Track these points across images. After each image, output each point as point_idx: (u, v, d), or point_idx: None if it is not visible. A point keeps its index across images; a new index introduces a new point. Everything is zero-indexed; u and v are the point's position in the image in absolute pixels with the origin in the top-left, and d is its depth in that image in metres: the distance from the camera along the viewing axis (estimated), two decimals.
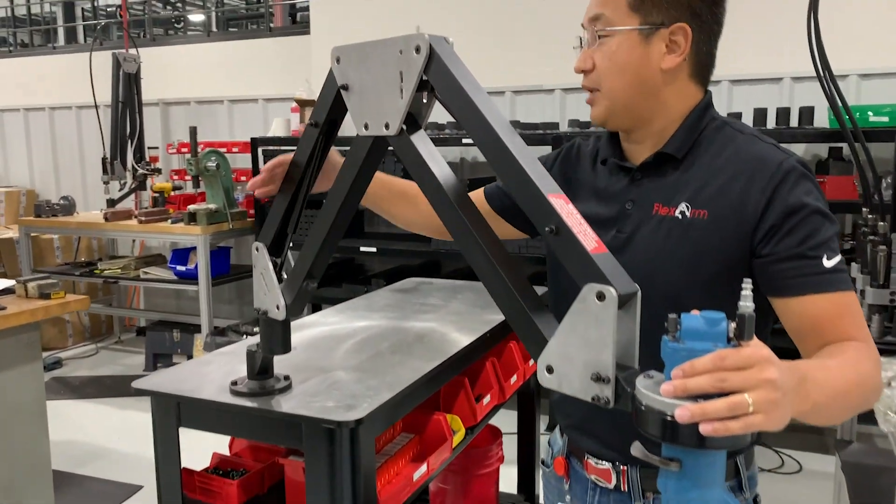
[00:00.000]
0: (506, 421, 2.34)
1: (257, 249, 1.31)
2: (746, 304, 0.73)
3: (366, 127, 0.98)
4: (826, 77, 2.95)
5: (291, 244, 1.34)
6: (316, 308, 4.74)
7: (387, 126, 0.94)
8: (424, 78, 0.90)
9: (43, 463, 2.58)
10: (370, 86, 0.96)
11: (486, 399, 2.10)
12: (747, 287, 0.74)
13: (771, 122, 3.61)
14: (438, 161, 0.94)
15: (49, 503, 2.60)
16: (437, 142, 3.99)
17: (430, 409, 1.91)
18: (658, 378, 0.75)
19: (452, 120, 4.19)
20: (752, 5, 3.67)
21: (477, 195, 1.47)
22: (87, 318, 5.52)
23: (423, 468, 1.75)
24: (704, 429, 0.69)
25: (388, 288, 2.71)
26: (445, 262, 4.27)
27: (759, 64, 3.80)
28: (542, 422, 3.76)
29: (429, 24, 4.01)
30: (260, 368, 1.51)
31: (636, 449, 0.77)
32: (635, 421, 0.74)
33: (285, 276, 1.30)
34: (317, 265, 1.26)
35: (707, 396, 0.70)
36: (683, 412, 0.68)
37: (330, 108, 1.12)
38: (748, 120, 3.63)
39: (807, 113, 3.54)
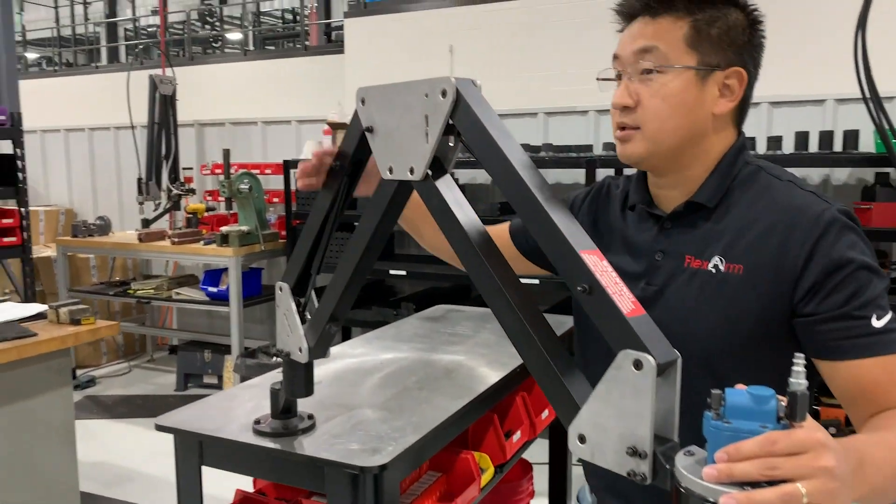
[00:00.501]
0: (536, 451, 2.28)
1: (281, 289, 1.27)
2: (799, 380, 0.66)
3: (390, 171, 0.94)
4: (872, 99, 2.85)
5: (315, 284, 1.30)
6: (346, 330, 4.73)
7: (412, 171, 0.90)
8: (451, 122, 0.86)
9: (71, 487, 2.58)
10: (395, 129, 0.93)
11: (517, 436, 2.03)
12: (799, 362, 0.67)
13: (813, 146, 3.50)
14: (464, 208, 0.90)
15: None
16: (467, 164, 3.96)
17: (458, 446, 1.86)
18: (700, 456, 0.69)
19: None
20: (794, 25, 3.58)
21: (501, 231, 1.42)
22: (121, 337, 5.58)
23: None
24: None
25: (416, 316, 2.67)
26: (476, 287, 4.23)
27: (800, 85, 3.70)
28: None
29: (460, 44, 3.99)
30: (283, 407, 1.47)
31: None
32: (674, 502, 0.68)
33: (308, 317, 1.26)
34: (340, 308, 1.22)
35: (755, 483, 0.63)
36: (729, 501, 0.62)
37: (355, 149, 1.08)
38: (789, 144, 3.53)
39: (851, 136, 3.43)
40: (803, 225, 1.01)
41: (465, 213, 0.89)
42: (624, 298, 0.76)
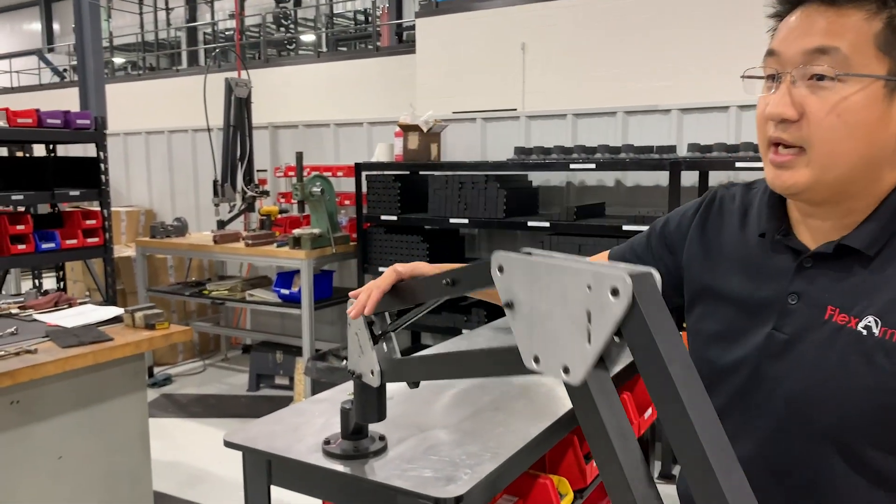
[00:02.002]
0: None
1: (351, 302, 1.20)
2: None
3: (536, 360, 0.78)
4: None
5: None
6: (415, 336, 4.67)
7: (566, 370, 0.74)
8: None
9: (145, 489, 2.60)
10: (545, 315, 0.77)
11: None
12: None
13: None
14: (626, 432, 0.75)
15: None
16: (543, 167, 3.83)
17: (536, 469, 1.76)
18: None
19: (558, 143, 4.02)
20: None
21: (601, 261, 1.27)
22: (197, 336, 5.69)
23: None
24: None
25: (489, 326, 2.58)
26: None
27: None
28: (655, 468, 3.51)
29: (533, 42, 3.86)
30: (354, 429, 1.41)
31: None
32: None
33: (379, 333, 1.18)
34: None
35: None
36: None
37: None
38: None
39: None
40: None
41: (624, 436, 0.73)
42: None
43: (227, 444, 1.51)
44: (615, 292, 0.69)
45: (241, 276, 5.50)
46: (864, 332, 0.86)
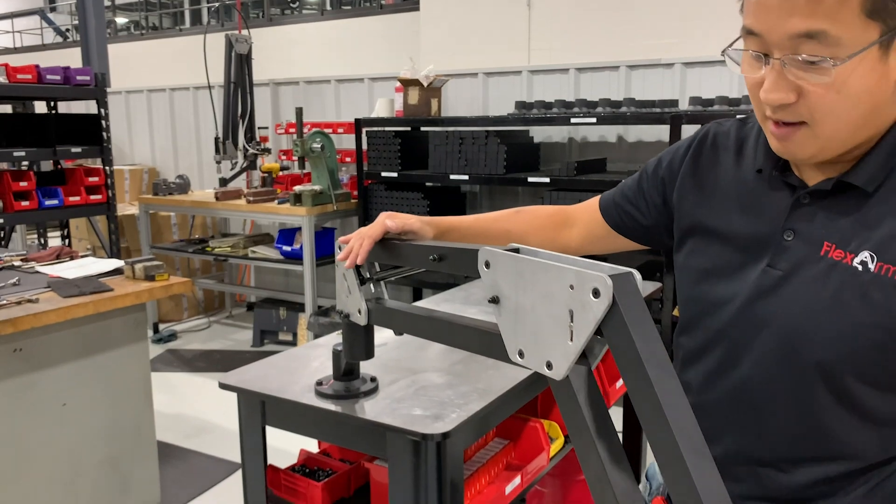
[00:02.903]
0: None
1: (340, 248, 1.21)
2: None
3: (520, 354, 0.81)
4: None
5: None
6: (416, 292, 4.70)
7: (549, 366, 0.77)
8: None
9: (148, 438, 2.65)
10: (529, 311, 0.79)
11: None
12: None
13: None
14: (606, 424, 0.76)
15: (153, 477, 2.68)
16: (543, 121, 3.81)
17: (527, 414, 1.79)
18: None
19: (560, 98, 3.99)
20: None
21: (591, 207, 1.25)
22: (201, 293, 5.74)
23: (517, 480, 1.63)
24: None
25: None
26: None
27: None
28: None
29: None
30: (346, 370, 1.43)
31: None
32: None
33: (367, 276, 1.19)
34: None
35: None
36: None
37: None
38: None
39: None
40: None
41: (604, 428, 0.75)
42: None
43: (223, 387, 1.54)
44: (596, 293, 0.71)
45: (243, 233, 5.52)
46: (860, 268, 0.86)
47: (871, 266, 0.85)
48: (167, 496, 2.83)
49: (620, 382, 2.15)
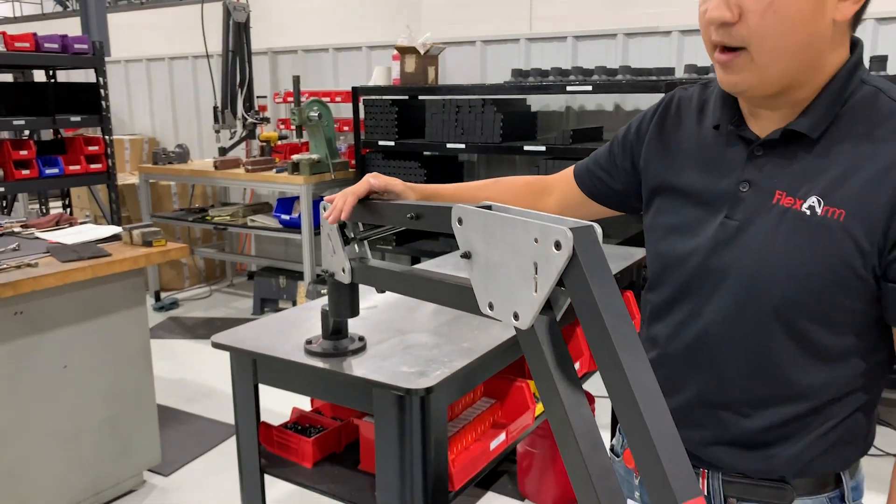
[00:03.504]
0: (600, 385, 2.22)
1: (324, 208, 1.24)
2: None
3: (490, 307, 0.85)
4: None
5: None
6: (414, 261, 4.74)
7: (516, 316, 0.80)
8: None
9: (148, 401, 2.71)
10: (498, 265, 0.83)
11: (576, 366, 1.99)
12: None
13: None
14: (559, 354, 0.81)
15: (154, 440, 2.74)
16: (539, 89, 3.81)
17: (514, 374, 1.83)
18: None
19: (555, 65, 3.98)
20: None
21: (567, 175, 1.29)
22: (202, 262, 5.79)
23: (502, 437, 1.68)
24: None
25: None
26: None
27: None
28: None
29: None
30: (333, 329, 1.47)
31: None
32: None
33: (352, 237, 1.23)
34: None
35: None
36: None
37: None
38: None
39: None
40: None
41: (566, 378, 0.78)
42: None
43: (215, 345, 1.59)
44: (558, 245, 0.74)
45: (243, 202, 5.55)
46: (808, 213, 0.90)
47: (819, 210, 0.89)
48: (167, 457, 2.91)
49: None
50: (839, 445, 0.97)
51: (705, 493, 1.06)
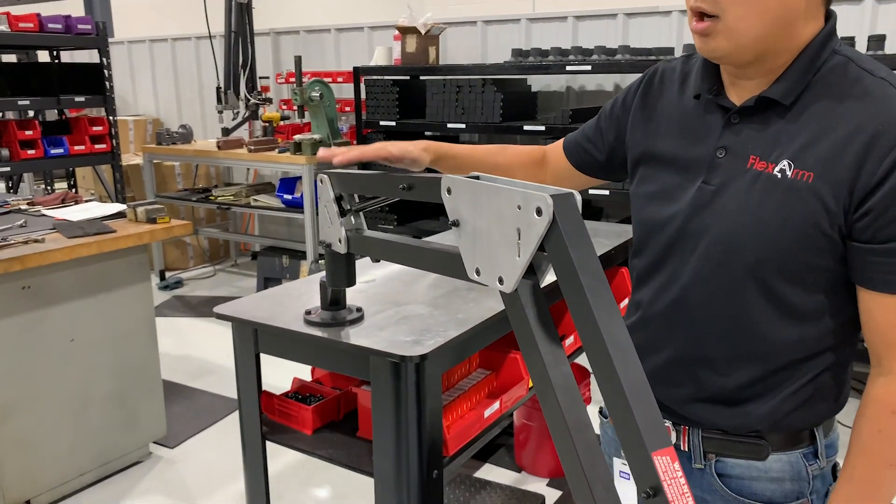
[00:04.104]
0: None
1: (321, 181, 1.28)
2: None
3: (477, 272, 0.89)
4: None
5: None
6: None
7: (501, 280, 0.85)
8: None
9: (153, 375, 2.77)
10: (484, 232, 0.87)
11: (570, 340, 2.04)
12: None
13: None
14: (550, 332, 0.85)
15: (159, 412, 2.81)
16: (539, 69, 3.82)
17: (509, 347, 1.88)
18: None
19: (556, 45, 4.00)
20: None
21: (557, 149, 1.34)
22: (206, 242, 5.84)
23: (496, 405, 1.73)
24: None
25: None
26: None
27: None
28: None
29: None
30: (332, 299, 1.52)
31: None
32: None
33: (348, 208, 1.27)
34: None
35: None
36: None
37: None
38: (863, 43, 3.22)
39: None
40: (890, 138, 0.89)
41: (549, 341, 0.84)
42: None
43: (218, 316, 1.63)
44: (539, 211, 0.78)
45: (246, 182, 5.60)
46: (779, 176, 0.95)
47: (789, 173, 0.94)
48: (173, 430, 2.97)
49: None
50: (811, 402, 1.02)
51: (686, 450, 1.11)
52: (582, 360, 2.54)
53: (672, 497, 0.71)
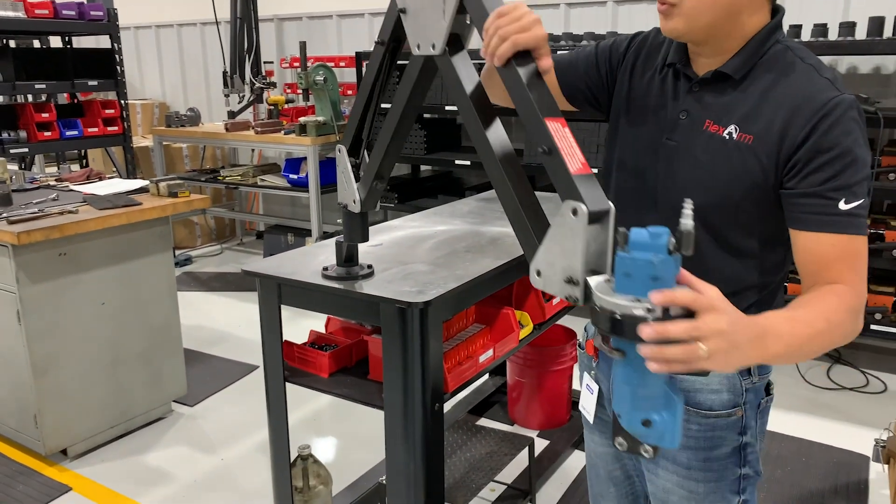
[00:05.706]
0: (582, 325, 2.49)
1: (339, 151, 1.50)
2: (686, 221, 0.83)
3: (418, 47, 1.13)
4: None
5: (367, 147, 1.52)
6: None
7: (433, 46, 1.09)
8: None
9: (175, 337, 3.00)
10: (421, 9, 1.12)
11: (557, 300, 2.26)
12: (688, 206, 0.84)
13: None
14: (473, 81, 1.08)
15: (180, 371, 3.04)
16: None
17: (503, 304, 2.11)
18: (612, 281, 0.88)
19: (548, 31, 4.20)
20: None
21: (551, 79, 1.45)
22: (213, 222, 6.06)
23: (490, 353, 1.96)
24: (652, 367, 0.83)
25: (474, 197, 2.89)
26: (541, 177, 4.36)
27: None
28: None
29: None
30: (346, 257, 1.74)
31: (596, 340, 0.91)
32: (591, 318, 0.88)
33: (362, 174, 1.49)
34: (383, 168, 1.44)
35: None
36: (646, 329, 0.81)
37: (393, 28, 1.27)
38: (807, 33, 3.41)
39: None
40: (810, 108, 1.09)
41: (473, 85, 1.07)
42: (574, 159, 0.93)
43: (246, 273, 1.86)
44: None
45: (252, 163, 5.80)
46: (727, 138, 1.16)
47: (735, 136, 1.17)
48: (192, 390, 3.21)
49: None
50: None
51: None
52: (566, 321, 2.76)
53: (563, 150, 0.92)
